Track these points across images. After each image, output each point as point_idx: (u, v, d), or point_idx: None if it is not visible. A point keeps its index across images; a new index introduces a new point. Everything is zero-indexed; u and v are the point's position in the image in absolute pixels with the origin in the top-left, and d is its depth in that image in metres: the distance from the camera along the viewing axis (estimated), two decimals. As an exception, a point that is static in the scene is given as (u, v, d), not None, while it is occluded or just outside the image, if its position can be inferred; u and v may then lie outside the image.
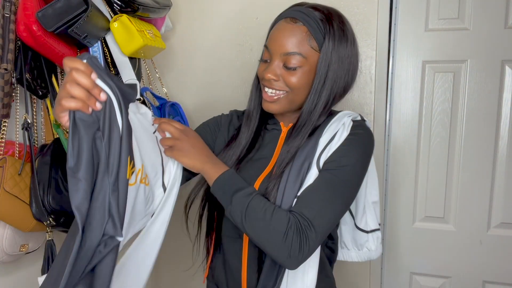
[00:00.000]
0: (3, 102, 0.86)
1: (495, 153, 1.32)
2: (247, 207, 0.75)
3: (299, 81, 0.82)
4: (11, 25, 0.87)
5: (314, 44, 0.81)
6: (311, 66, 0.82)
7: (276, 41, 0.82)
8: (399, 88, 1.38)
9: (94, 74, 0.58)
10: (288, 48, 0.81)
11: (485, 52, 1.28)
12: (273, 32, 0.85)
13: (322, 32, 0.81)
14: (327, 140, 0.82)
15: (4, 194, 0.85)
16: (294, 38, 0.81)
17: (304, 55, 0.81)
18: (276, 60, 0.83)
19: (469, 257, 1.39)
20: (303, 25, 0.81)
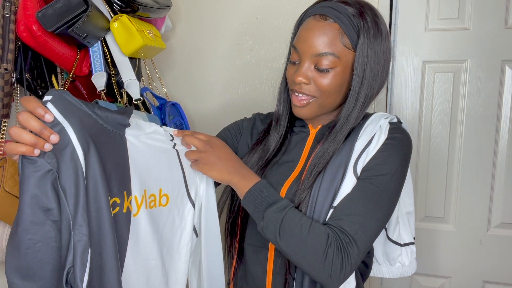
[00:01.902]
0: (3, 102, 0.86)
1: (495, 153, 1.32)
2: (281, 223, 0.70)
3: (332, 83, 0.77)
4: (11, 25, 0.87)
5: (347, 42, 0.75)
6: (344, 66, 0.76)
7: (306, 41, 0.76)
8: (399, 88, 1.38)
9: (49, 114, 0.57)
10: (319, 49, 0.75)
11: (485, 52, 1.28)
12: (301, 31, 0.78)
13: (355, 28, 0.75)
14: (363, 144, 0.77)
15: (4, 194, 0.85)
16: (326, 37, 0.75)
17: (337, 55, 0.75)
18: (307, 62, 0.77)
19: (469, 257, 1.38)
20: (334, 22, 0.75)
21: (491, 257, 1.36)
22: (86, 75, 1.07)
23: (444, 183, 1.38)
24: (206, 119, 1.52)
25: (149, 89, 1.29)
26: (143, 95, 1.19)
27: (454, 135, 1.35)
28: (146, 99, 1.23)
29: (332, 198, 0.74)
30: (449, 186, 1.37)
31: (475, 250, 1.37)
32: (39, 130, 0.56)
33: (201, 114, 1.52)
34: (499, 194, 1.33)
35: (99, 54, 1.05)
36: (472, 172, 1.34)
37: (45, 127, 0.57)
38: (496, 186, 1.33)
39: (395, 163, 0.76)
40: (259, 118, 0.99)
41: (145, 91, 1.26)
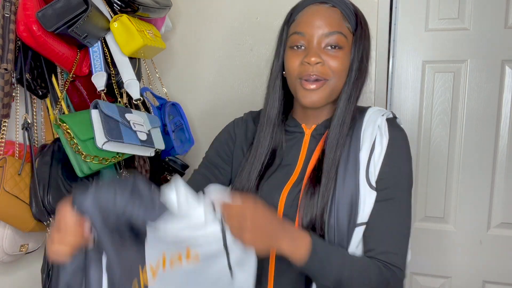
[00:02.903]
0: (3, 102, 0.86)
1: (495, 153, 1.32)
2: (342, 277, 0.70)
3: (343, 63, 0.78)
4: (11, 25, 0.87)
5: (349, 26, 0.79)
6: (348, 48, 0.79)
7: (314, 23, 0.77)
8: (399, 88, 1.38)
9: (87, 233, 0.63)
10: (329, 28, 0.77)
11: (485, 52, 1.28)
12: (305, 16, 0.80)
13: (353, 15, 0.79)
14: (367, 152, 0.77)
15: (4, 194, 0.85)
16: (332, 18, 0.77)
17: (345, 34, 0.78)
18: (315, 43, 0.77)
19: (469, 257, 1.38)
20: (335, 6, 0.79)
21: (491, 257, 1.36)
22: (86, 75, 1.07)
23: (444, 183, 1.38)
24: (206, 119, 1.52)
25: (149, 89, 1.29)
26: (143, 95, 1.19)
27: (454, 135, 1.35)
28: (146, 99, 1.23)
29: (354, 215, 0.75)
30: (449, 186, 1.37)
31: (475, 250, 1.37)
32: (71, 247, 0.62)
33: (201, 114, 1.52)
34: (499, 194, 1.33)
35: (99, 54, 1.06)
36: (472, 172, 1.34)
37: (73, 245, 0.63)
38: (496, 186, 1.33)
39: (406, 166, 0.78)
40: (252, 119, 0.95)
41: (145, 91, 1.26)
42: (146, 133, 1.08)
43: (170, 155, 1.33)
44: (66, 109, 1.03)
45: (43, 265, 0.93)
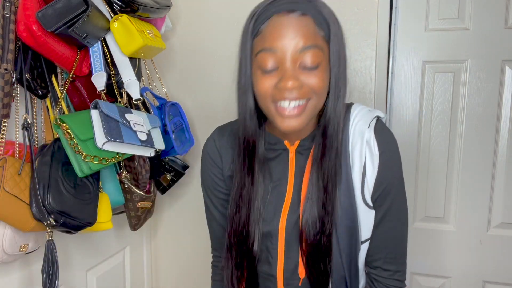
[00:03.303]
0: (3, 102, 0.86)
1: (495, 153, 1.32)
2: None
3: (324, 80, 0.68)
4: (11, 25, 0.87)
5: (322, 34, 0.68)
6: (326, 61, 0.69)
7: (285, 37, 0.65)
8: (399, 88, 1.38)
9: None
10: (304, 41, 0.65)
11: (485, 52, 1.28)
12: (274, 28, 0.66)
13: (325, 19, 0.68)
14: (360, 173, 0.75)
15: (4, 194, 0.85)
16: (305, 29, 0.66)
17: (321, 47, 0.67)
18: (290, 62, 0.66)
19: (469, 257, 1.38)
20: (306, 14, 0.67)
21: (491, 257, 1.36)
22: (86, 75, 1.07)
23: (444, 183, 1.38)
24: (206, 119, 1.52)
25: (149, 89, 1.29)
26: (143, 95, 1.19)
27: (454, 135, 1.35)
28: (146, 99, 1.23)
29: (357, 235, 0.77)
30: (449, 186, 1.37)
31: (475, 250, 1.37)
32: None
33: (201, 114, 1.52)
34: (499, 194, 1.33)
35: (99, 54, 1.05)
36: (472, 172, 1.34)
37: None
38: (496, 186, 1.33)
39: (399, 171, 0.79)
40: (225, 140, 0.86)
41: (145, 91, 1.26)
42: (146, 133, 1.08)
43: (170, 155, 1.33)
44: (66, 109, 1.03)
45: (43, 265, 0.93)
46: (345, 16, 1.33)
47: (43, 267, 0.93)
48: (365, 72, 1.34)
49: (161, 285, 1.70)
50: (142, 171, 1.19)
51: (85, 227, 0.97)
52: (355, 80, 1.35)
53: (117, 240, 1.41)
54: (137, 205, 1.22)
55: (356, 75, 1.35)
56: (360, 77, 1.34)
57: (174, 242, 1.63)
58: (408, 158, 1.40)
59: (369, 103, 1.35)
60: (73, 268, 1.19)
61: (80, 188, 0.98)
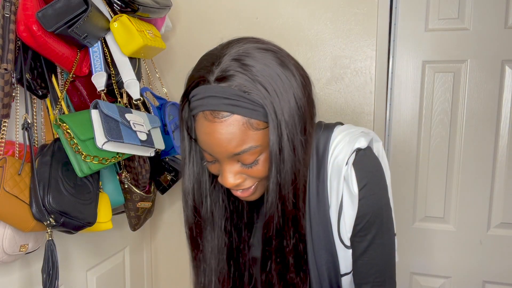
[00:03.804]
0: (3, 102, 0.86)
1: (495, 153, 1.32)
2: None
3: (266, 167, 0.65)
4: (11, 25, 0.87)
5: (258, 123, 0.60)
6: (267, 143, 0.63)
7: (213, 147, 0.62)
8: (399, 88, 1.38)
9: None
10: (234, 150, 0.61)
11: (485, 52, 1.28)
12: (200, 134, 0.63)
13: (259, 103, 0.59)
14: (336, 211, 0.70)
15: (4, 194, 0.85)
16: (234, 136, 0.59)
17: (256, 145, 0.61)
18: (227, 163, 0.64)
19: (469, 257, 1.38)
20: (233, 114, 0.59)
21: (491, 257, 1.36)
22: (86, 75, 1.07)
23: (444, 183, 1.38)
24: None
25: (149, 89, 1.29)
26: (143, 95, 1.19)
27: (454, 135, 1.35)
28: (146, 99, 1.23)
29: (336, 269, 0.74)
30: (449, 186, 1.37)
31: (475, 250, 1.37)
32: None
33: (201, 114, 1.52)
34: (499, 194, 1.33)
35: (99, 54, 1.05)
36: (472, 172, 1.34)
37: None
38: (496, 186, 1.33)
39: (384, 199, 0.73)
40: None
41: (145, 91, 1.26)
42: (146, 133, 1.08)
43: (170, 155, 1.33)
44: (66, 109, 1.03)
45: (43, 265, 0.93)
46: (345, 16, 1.33)
47: (43, 267, 0.93)
48: (365, 72, 1.34)
49: (161, 285, 1.70)
50: (142, 171, 1.19)
51: (85, 227, 0.97)
52: (355, 80, 1.35)
53: (117, 240, 1.41)
54: (137, 205, 1.22)
55: (356, 75, 1.35)
56: (360, 77, 1.34)
57: (174, 242, 1.63)
58: (408, 158, 1.40)
59: (369, 103, 1.35)
60: (73, 268, 1.19)
61: (80, 188, 0.98)
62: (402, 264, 1.46)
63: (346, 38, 1.34)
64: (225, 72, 0.60)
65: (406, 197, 1.42)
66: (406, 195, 1.42)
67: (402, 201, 1.43)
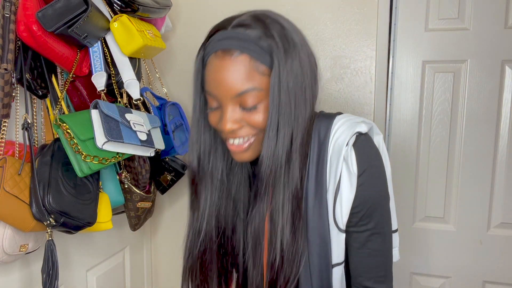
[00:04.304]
0: (3, 102, 0.86)
1: (495, 153, 1.32)
2: None
3: (265, 116, 0.68)
4: (11, 25, 0.87)
5: (264, 69, 0.66)
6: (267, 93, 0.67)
7: (220, 84, 0.66)
8: (399, 88, 1.38)
9: None
10: (238, 88, 0.65)
11: (485, 52, 1.28)
12: (209, 75, 0.69)
13: (267, 51, 0.66)
14: (333, 193, 0.71)
15: (4, 194, 0.85)
16: (240, 73, 0.65)
17: (260, 88, 0.66)
18: (229, 106, 0.68)
19: (469, 257, 1.38)
20: (242, 53, 0.65)
21: (491, 257, 1.36)
22: (86, 75, 1.07)
23: (444, 183, 1.38)
24: (206, 119, 1.52)
25: (149, 89, 1.29)
26: (143, 95, 1.19)
27: (454, 135, 1.35)
28: (146, 99, 1.23)
29: (328, 256, 0.74)
30: (449, 186, 1.37)
31: (475, 250, 1.37)
32: None
33: (201, 114, 1.52)
34: (499, 194, 1.33)
35: (99, 54, 1.05)
36: (472, 172, 1.34)
37: None
38: (496, 186, 1.33)
39: (383, 186, 0.74)
40: None
41: (145, 91, 1.26)
42: (146, 133, 1.08)
43: (170, 155, 1.33)
44: (66, 109, 1.03)
45: (43, 265, 0.93)
46: (345, 16, 1.33)
47: (43, 267, 0.93)
48: (365, 72, 1.34)
49: (161, 285, 1.70)
50: (142, 171, 1.19)
51: (85, 227, 0.97)
52: (355, 80, 1.35)
53: (117, 240, 1.41)
54: (137, 205, 1.22)
55: (356, 75, 1.35)
56: (360, 77, 1.34)
57: (174, 242, 1.63)
58: (408, 158, 1.40)
59: (369, 103, 1.35)
60: (73, 268, 1.19)
61: (80, 188, 0.98)
62: (402, 264, 1.46)
63: (346, 38, 1.34)
64: (242, 22, 0.68)
65: (406, 197, 1.42)
66: (406, 195, 1.42)
67: (402, 201, 1.43)
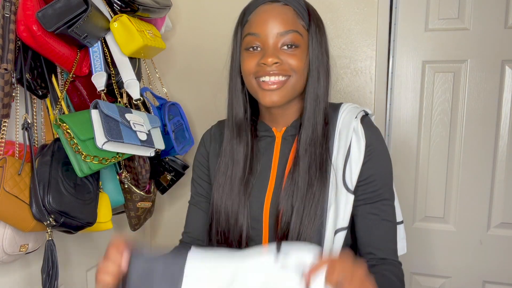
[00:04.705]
0: (3, 102, 0.86)
1: (495, 153, 1.32)
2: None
3: (302, 60, 0.76)
4: (11, 25, 0.87)
5: (303, 23, 0.77)
6: (305, 46, 0.77)
7: (267, 23, 0.75)
8: (399, 88, 1.38)
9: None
10: (284, 27, 0.74)
11: (485, 52, 1.28)
12: (258, 17, 0.77)
13: (306, 12, 0.78)
14: (343, 156, 0.77)
15: (4, 194, 0.85)
16: (286, 16, 0.75)
17: (300, 33, 0.76)
18: (271, 43, 0.75)
19: (469, 257, 1.38)
20: (287, 4, 0.76)
21: (491, 257, 1.36)
22: (86, 75, 1.07)
23: (444, 183, 1.38)
24: (206, 119, 1.52)
25: (149, 89, 1.29)
26: (143, 95, 1.19)
27: (454, 135, 1.35)
28: (146, 99, 1.23)
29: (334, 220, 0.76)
30: (449, 186, 1.37)
31: (475, 250, 1.37)
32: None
33: (201, 114, 1.52)
34: (499, 194, 1.33)
35: (99, 54, 1.06)
36: (472, 172, 1.34)
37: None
38: (496, 186, 1.33)
39: (389, 164, 0.81)
40: (219, 130, 0.92)
41: (145, 91, 1.26)
42: (146, 133, 1.08)
43: (170, 155, 1.33)
44: (66, 109, 1.03)
45: (43, 265, 0.93)
46: (345, 16, 1.33)
47: (43, 267, 0.93)
48: (365, 72, 1.34)
49: None
50: (142, 171, 1.19)
51: (85, 227, 0.97)
52: (355, 80, 1.35)
53: (117, 240, 1.40)
54: (137, 205, 1.22)
55: (356, 75, 1.35)
56: (360, 77, 1.34)
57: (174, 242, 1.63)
58: (408, 158, 1.40)
59: (369, 103, 1.35)
60: (73, 268, 1.19)
61: (80, 188, 0.98)
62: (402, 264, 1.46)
63: (346, 38, 1.34)
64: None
65: (406, 197, 1.42)
66: (406, 195, 1.42)
67: (402, 201, 1.43)
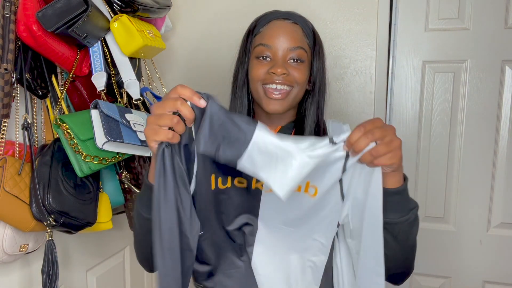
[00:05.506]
0: (3, 102, 0.86)
1: (495, 153, 1.32)
2: (416, 229, 0.81)
3: (304, 75, 0.85)
4: (11, 25, 0.87)
5: (308, 42, 0.86)
6: (308, 62, 0.86)
7: (279, 37, 0.84)
8: (399, 88, 1.38)
9: (203, 101, 0.68)
10: (293, 43, 0.83)
11: (485, 52, 1.28)
12: (271, 30, 0.86)
13: (311, 33, 0.87)
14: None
15: (4, 194, 0.85)
16: (296, 34, 0.85)
17: (306, 50, 0.85)
18: (281, 56, 0.83)
19: (469, 257, 1.38)
20: (297, 23, 0.86)
21: (491, 257, 1.36)
22: (86, 75, 1.07)
23: (444, 183, 1.38)
24: (206, 119, 1.52)
25: (149, 89, 1.29)
26: (143, 95, 1.19)
27: (454, 135, 1.35)
28: (146, 99, 1.23)
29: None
30: (449, 186, 1.37)
31: (475, 250, 1.37)
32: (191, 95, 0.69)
33: (201, 114, 1.52)
34: (499, 194, 1.33)
35: (99, 54, 1.05)
36: (472, 172, 1.34)
37: (194, 93, 0.70)
38: (496, 186, 1.33)
39: None
40: None
41: (145, 91, 1.26)
42: (146, 133, 1.07)
43: (170, 155, 1.33)
44: (66, 109, 1.03)
45: (43, 265, 0.93)
46: (345, 16, 1.33)
47: (43, 267, 0.93)
48: (365, 72, 1.34)
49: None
50: (142, 171, 1.19)
51: (85, 227, 0.97)
52: (355, 80, 1.35)
53: (117, 240, 1.41)
54: (137, 205, 1.22)
55: (356, 75, 1.35)
56: (360, 77, 1.34)
57: (174, 242, 1.63)
58: (408, 158, 1.40)
59: (369, 103, 1.35)
60: (73, 268, 1.19)
61: (80, 188, 0.98)
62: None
63: (346, 38, 1.34)
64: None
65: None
66: (406, 195, 1.42)
67: (402, 201, 1.43)
